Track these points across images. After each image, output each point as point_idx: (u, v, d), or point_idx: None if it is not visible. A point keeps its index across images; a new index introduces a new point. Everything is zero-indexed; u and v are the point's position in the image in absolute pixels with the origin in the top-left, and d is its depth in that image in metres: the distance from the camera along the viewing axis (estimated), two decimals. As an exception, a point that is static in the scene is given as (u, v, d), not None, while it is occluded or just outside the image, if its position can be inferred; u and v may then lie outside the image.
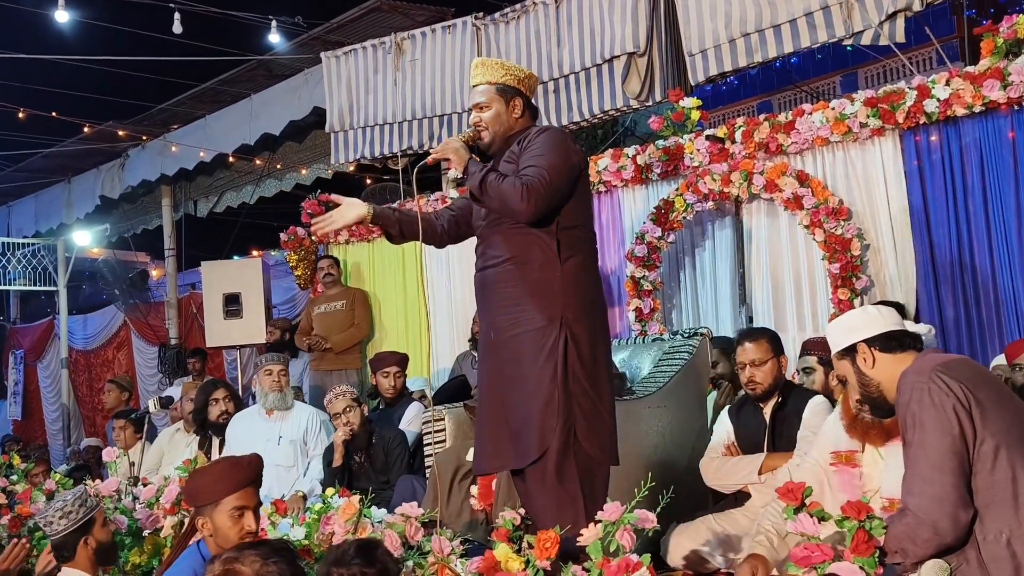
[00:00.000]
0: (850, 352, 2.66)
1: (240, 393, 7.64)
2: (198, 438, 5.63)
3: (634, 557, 2.53)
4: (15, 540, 3.78)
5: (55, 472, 5.44)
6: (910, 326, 3.09)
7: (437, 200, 6.98)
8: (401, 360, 5.77)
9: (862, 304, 4.78)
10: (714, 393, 4.86)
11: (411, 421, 5.40)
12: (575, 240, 3.21)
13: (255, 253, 11.15)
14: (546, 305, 3.11)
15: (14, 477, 4.97)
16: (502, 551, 2.75)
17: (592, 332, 3.16)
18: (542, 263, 3.14)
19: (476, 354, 6.27)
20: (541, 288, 3.12)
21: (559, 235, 3.16)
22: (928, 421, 2.36)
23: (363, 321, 7.30)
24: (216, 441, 5.47)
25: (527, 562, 2.69)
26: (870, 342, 2.62)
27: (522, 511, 3.08)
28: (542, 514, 3.05)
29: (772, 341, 3.81)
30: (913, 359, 2.57)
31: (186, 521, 2.96)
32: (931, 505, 2.32)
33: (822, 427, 3.27)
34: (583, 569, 2.66)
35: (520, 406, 3.11)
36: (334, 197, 3.56)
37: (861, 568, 2.32)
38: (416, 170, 3.34)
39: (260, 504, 3.04)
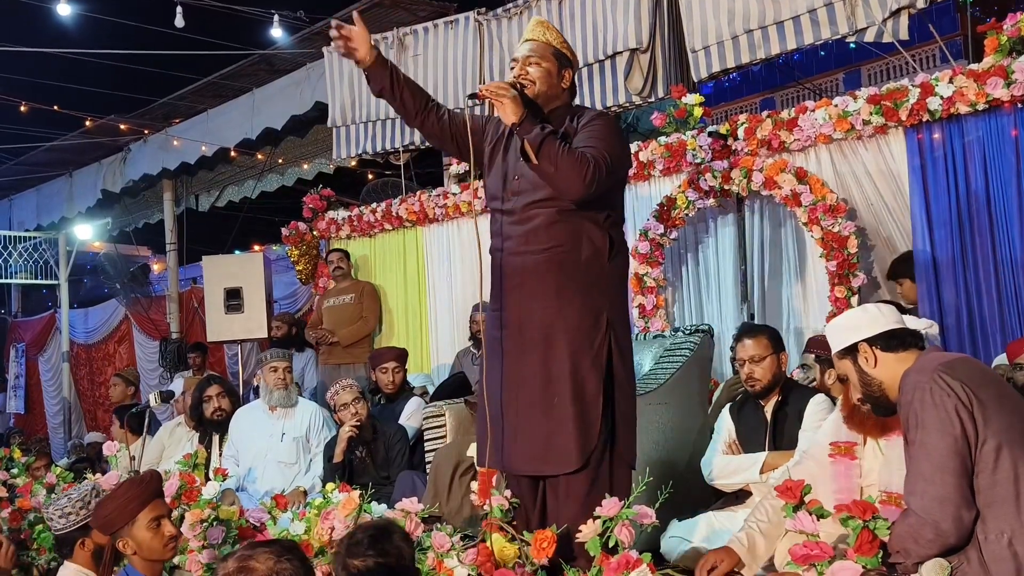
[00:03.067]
0: (851, 352, 2.65)
1: (241, 388, 7.65)
2: (198, 433, 5.63)
3: (634, 554, 2.53)
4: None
5: (55, 465, 5.45)
6: (911, 321, 3.09)
7: (439, 195, 6.97)
8: (399, 355, 5.76)
9: (859, 302, 4.78)
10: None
11: (411, 416, 5.40)
12: (621, 238, 3.09)
13: (256, 248, 11.18)
14: (593, 304, 2.97)
15: (15, 470, 4.98)
16: (496, 542, 2.75)
17: (629, 334, 3.09)
18: (590, 257, 2.99)
19: (476, 351, 6.26)
20: (589, 284, 2.98)
21: (610, 231, 3.03)
22: (930, 421, 2.36)
23: (371, 314, 7.27)
24: (216, 437, 5.47)
25: (526, 559, 2.69)
26: (871, 341, 2.61)
27: (507, 493, 3.06)
28: (574, 520, 2.86)
29: (772, 338, 3.82)
30: (915, 358, 2.56)
31: (117, 545, 3.01)
32: (933, 506, 2.32)
33: (826, 421, 3.27)
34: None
35: (561, 407, 2.96)
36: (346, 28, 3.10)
37: (864, 568, 2.32)
38: (471, 97, 3.01)
39: (171, 511, 3.20)
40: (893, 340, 2.60)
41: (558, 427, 2.96)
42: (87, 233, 11.64)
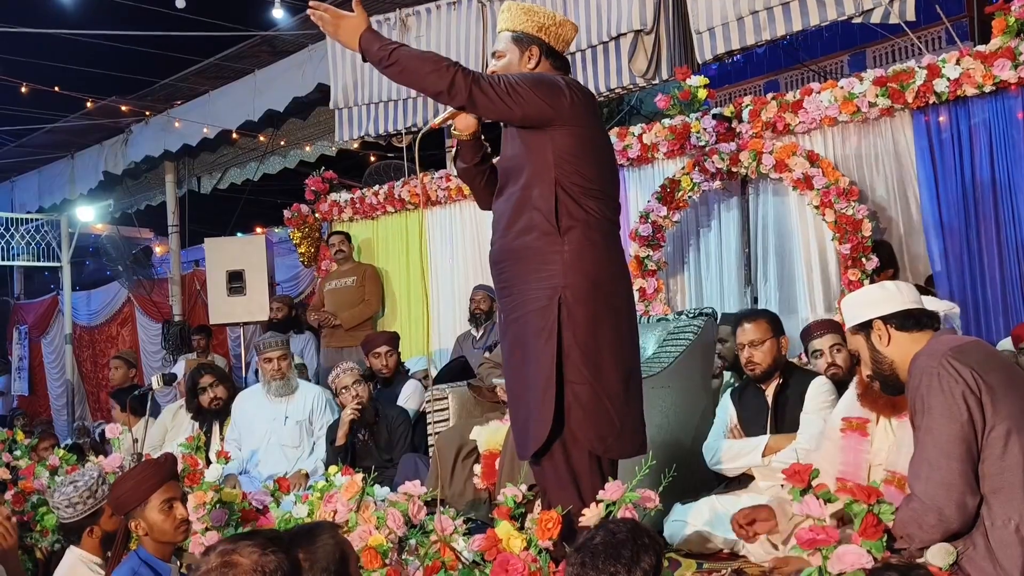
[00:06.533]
0: (865, 328, 2.63)
1: (243, 370, 7.65)
2: (197, 422, 5.62)
3: (637, 538, 2.52)
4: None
5: (58, 448, 5.45)
6: (934, 302, 3.06)
7: (441, 177, 6.94)
8: (391, 339, 5.75)
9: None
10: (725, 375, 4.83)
11: (408, 398, 5.40)
12: (583, 212, 2.85)
13: (259, 230, 11.13)
14: (545, 284, 2.83)
15: (18, 452, 4.98)
16: (504, 529, 2.74)
17: (599, 314, 2.85)
18: (541, 236, 2.84)
19: (476, 334, 6.26)
20: (542, 264, 2.84)
21: (567, 205, 2.82)
22: (936, 407, 2.35)
23: (373, 297, 7.26)
24: (216, 426, 5.46)
25: (529, 541, 2.69)
26: (886, 319, 2.59)
27: (523, 487, 3.05)
28: (550, 506, 2.84)
29: (771, 321, 3.81)
30: (928, 339, 2.54)
31: (129, 525, 3.02)
32: (937, 491, 2.31)
33: (841, 399, 3.24)
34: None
35: (524, 392, 2.92)
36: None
37: (869, 552, 2.31)
38: (421, 136, 3.10)
39: (184, 494, 3.20)
40: (908, 320, 2.57)
41: (521, 412, 2.95)
42: (89, 215, 11.62)
